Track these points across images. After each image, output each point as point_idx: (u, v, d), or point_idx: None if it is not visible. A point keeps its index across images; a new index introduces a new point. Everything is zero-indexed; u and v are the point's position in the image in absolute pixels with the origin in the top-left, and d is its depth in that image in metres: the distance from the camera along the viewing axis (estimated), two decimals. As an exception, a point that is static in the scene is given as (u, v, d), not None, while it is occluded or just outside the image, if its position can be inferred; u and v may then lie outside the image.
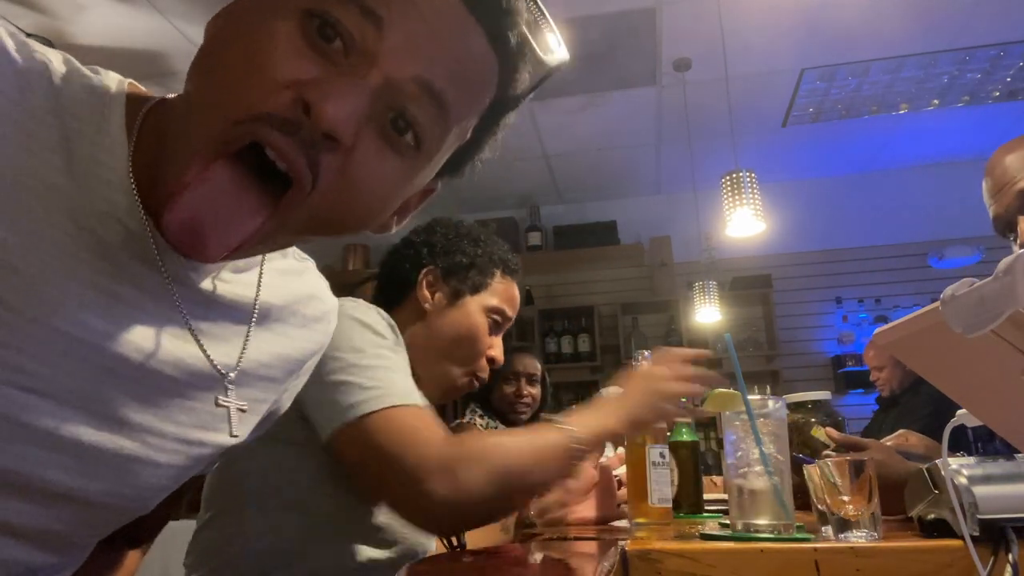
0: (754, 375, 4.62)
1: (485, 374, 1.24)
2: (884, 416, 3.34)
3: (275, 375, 0.69)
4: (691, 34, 3.34)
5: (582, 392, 4.82)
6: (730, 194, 3.13)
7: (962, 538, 0.74)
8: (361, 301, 1.03)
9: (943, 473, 0.80)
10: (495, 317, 1.22)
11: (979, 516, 0.76)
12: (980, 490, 0.77)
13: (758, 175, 3.21)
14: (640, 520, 1.13)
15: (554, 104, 3.90)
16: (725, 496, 1.31)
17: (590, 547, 0.94)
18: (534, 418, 2.47)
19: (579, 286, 5.08)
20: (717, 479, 2.24)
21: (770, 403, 1.01)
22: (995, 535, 0.76)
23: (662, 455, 1.14)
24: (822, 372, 4.70)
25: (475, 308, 1.21)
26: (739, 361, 1.04)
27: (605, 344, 4.76)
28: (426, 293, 1.19)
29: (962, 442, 1.24)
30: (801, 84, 3.81)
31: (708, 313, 3.98)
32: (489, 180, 4.83)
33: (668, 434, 1.48)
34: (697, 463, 1.50)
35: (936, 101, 4.05)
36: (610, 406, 1.04)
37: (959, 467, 0.80)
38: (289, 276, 0.70)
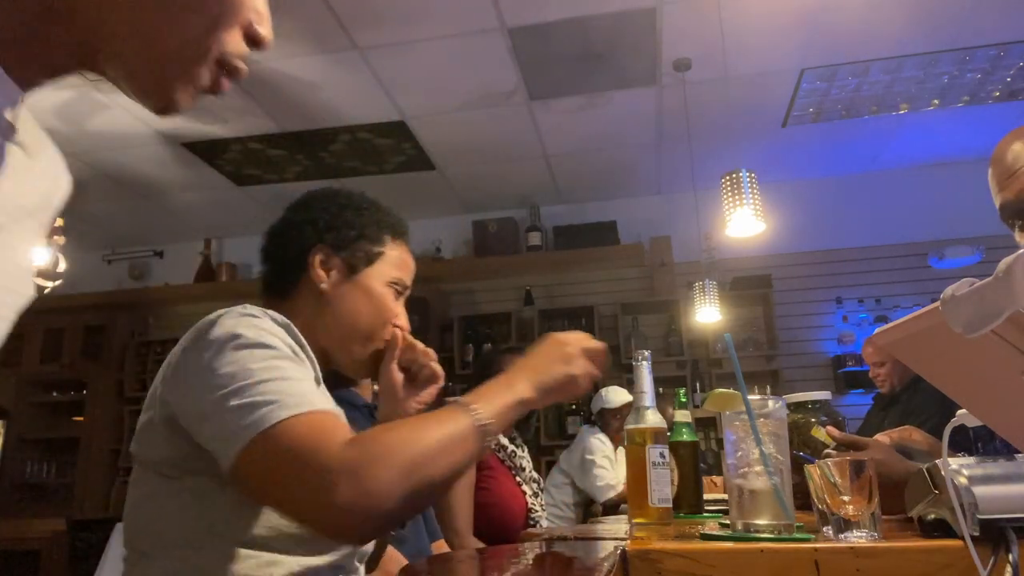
0: (754, 375, 4.62)
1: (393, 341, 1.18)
2: (883, 415, 3.30)
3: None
4: (691, 34, 3.34)
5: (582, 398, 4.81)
6: (730, 194, 3.13)
7: (962, 538, 0.74)
8: (244, 310, 0.96)
9: (943, 473, 0.79)
10: (396, 287, 1.17)
11: (979, 516, 0.76)
12: (980, 490, 0.77)
13: (758, 175, 3.21)
14: (640, 520, 1.11)
15: (554, 104, 3.90)
16: (725, 496, 1.31)
17: (590, 547, 0.94)
18: (527, 419, 2.47)
19: (579, 286, 5.08)
20: (717, 479, 2.24)
21: (770, 403, 1.01)
22: (995, 535, 0.76)
23: (662, 455, 1.13)
24: (822, 372, 4.70)
25: (374, 280, 1.15)
26: (739, 361, 1.03)
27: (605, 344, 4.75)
28: (320, 273, 1.12)
29: (963, 442, 1.24)
30: (801, 84, 3.81)
31: (708, 313, 3.98)
32: (489, 180, 4.83)
33: (668, 434, 1.48)
34: (697, 463, 1.50)
35: (936, 101, 4.05)
36: (516, 374, 0.97)
37: (959, 467, 0.80)
38: None
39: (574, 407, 4.80)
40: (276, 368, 0.87)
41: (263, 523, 0.91)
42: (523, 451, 2.40)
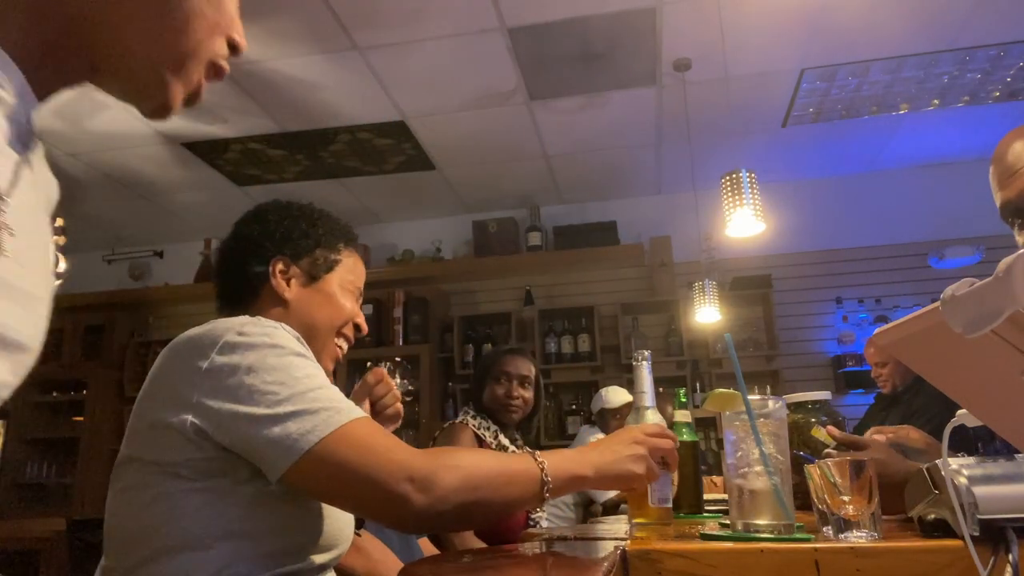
0: (754, 375, 4.62)
1: (344, 349, 1.25)
2: (884, 415, 3.29)
3: None
4: (691, 34, 3.34)
5: (582, 392, 4.82)
6: (730, 194, 3.13)
7: (962, 538, 0.74)
8: (261, 320, 0.99)
9: (943, 473, 0.79)
10: (353, 291, 1.25)
11: (979, 516, 0.76)
12: (980, 490, 0.77)
13: (758, 175, 3.21)
14: (639, 520, 1.12)
15: (554, 104, 3.91)
16: (725, 496, 1.31)
17: (590, 547, 0.94)
18: (529, 420, 2.46)
19: (579, 286, 5.08)
20: (717, 479, 2.24)
21: (770, 403, 1.01)
22: (995, 535, 0.76)
23: (662, 456, 1.13)
24: (822, 372, 4.70)
25: (334, 285, 1.22)
26: (739, 361, 1.03)
27: (605, 344, 4.76)
28: (282, 283, 1.18)
29: (964, 442, 1.24)
30: (801, 84, 3.81)
31: (708, 313, 3.98)
32: (489, 180, 4.83)
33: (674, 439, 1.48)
34: (697, 463, 1.50)
35: (936, 101, 4.05)
36: (587, 453, 1.04)
37: (959, 467, 0.80)
38: None
39: (574, 407, 4.81)
40: (316, 376, 0.93)
41: (274, 522, 0.93)
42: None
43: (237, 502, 0.91)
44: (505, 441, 2.31)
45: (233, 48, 0.66)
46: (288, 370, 0.91)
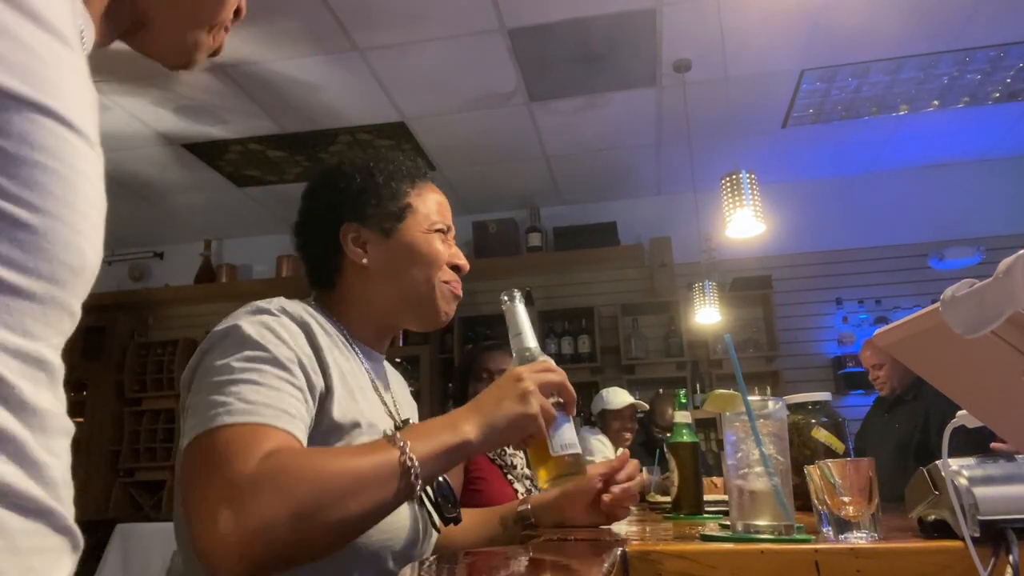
0: (754, 376, 4.62)
1: (456, 284, 1.12)
2: (888, 417, 3.27)
3: None
4: (691, 35, 3.35)
5: (582, 393, 4.82)
6: (730, 195, 3.13)
7: (962, 539, 0.74)
8: (262, 304, 0.94)
9: (943, 474, 0.79)
10: (437, 230, 1.11)
11: (979, 517, 0.76)
12: (980, 491, 0.77)
13: (758, 176, 3.21)
14: (545, 476, 0.96)
15: (554, 105, 3.91)
16: (725, 497, 1.31)
17: (590, 548, 0.94)
18: None
19: (579, 287, 5.08)
20: (717, 480, 2.24)
21: (770, 404, 1.00)
22: (995, 536, 0.76)
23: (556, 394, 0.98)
24: (822, 373, 4.70)
25: (413, 233, 1.09)
26: (739, 362, 1.03)
27: (605, 345, 4.76)
28: (357, 251, 1.07)
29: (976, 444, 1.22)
30: (801, 85, 3.81)
31: (708, 314, 3.98)
32: (489, 181, 4.83)
33: (668, 435, 1.48)
34: (697, 464, 1.50)
35: (936, 102, 4.05)
36: (462, 414, 0.88)
37: (959, 468, 0.80)
38: None
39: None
40: (254, 371, 0.83)
41: None
42: (510, 447, 2.39)
43: None
44: None
45: (237, 13, 0.70)
46: (228, 358, 0.85)
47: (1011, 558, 0.73)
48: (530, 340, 1.03)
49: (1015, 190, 4.70)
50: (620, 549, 0.82)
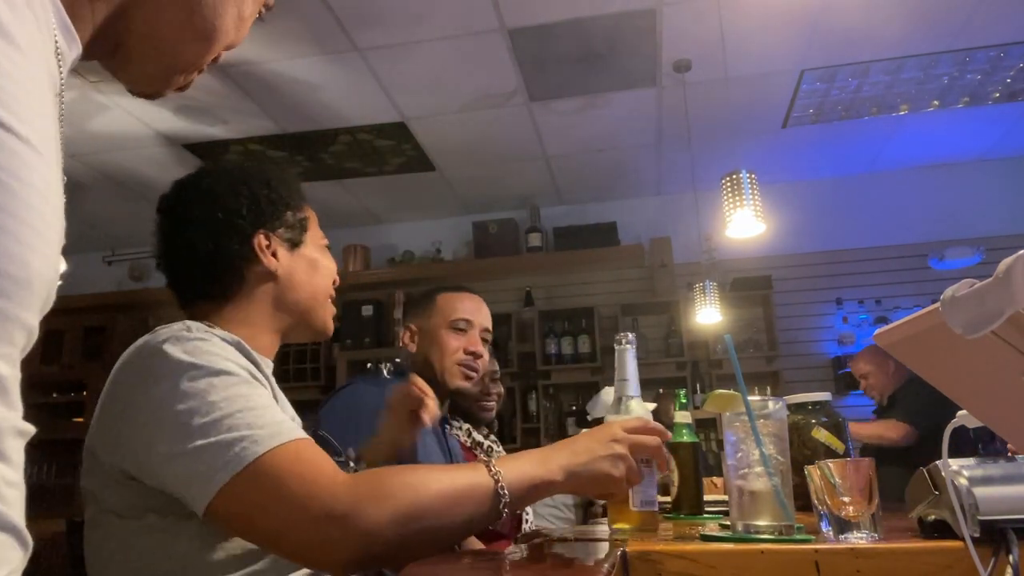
0: (754, 376, 4.61)
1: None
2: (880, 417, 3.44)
3: None
4: (691, 35, 3.35)
5: (582, 393, 4.82)
6: (730, 195, 3.13)
7: (963, 539, 0.74)
8: (188, 333, 0.91)
9: (943, 474, 0.79)
10: (324, 245, 1.18)
11: (979, 517, 0.76)
12: (980, 491, 0.77)
13: (758, 176, 3.21)
14: (620, 526, 1.01)
15: (554, 105, 3.91)
16: (726, 497, 1.31)
17: (591, 548, 0.94)
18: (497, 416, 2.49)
19: (579, 287, 5.08)
20: (718, 480, 2.24)
21: (770, 404, 1.00)
22: (996, 536, 0.76)
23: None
24: (822, 373, 4.70)
25: (312, 247, 1.14)
26: (739, 362, 1.02)
27: (605, 345, 4.76)
28: (270, 258, 1.07)
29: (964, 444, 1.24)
30: (801, 85, 3.81)
31: (708, 314, 3.98)
32: (489, 181, 4.83)
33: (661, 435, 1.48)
34: (698, 464, 1.50)
35: (936, 102, 4.05)
36: (555, 453, 0.92)
37: (959, 468, 0.80)
38: None
39: (574, 408, 4.81)
40: (238, 398, 0.83)
41: (231, 550, 0.87)
42: (497, 445, 2.40)
43: (188, 536, 0.85)
44: (479, 437, 2.31)
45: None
46: (202, 396, 0.82)
47: (1011, 558, 0.73)
48: (632, 389, 1.09)
49: (1015, 190, 4.70)
50: (620, 549, 0.82)
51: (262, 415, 0.82)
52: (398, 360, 1.83)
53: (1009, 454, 0.85)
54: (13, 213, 0.42)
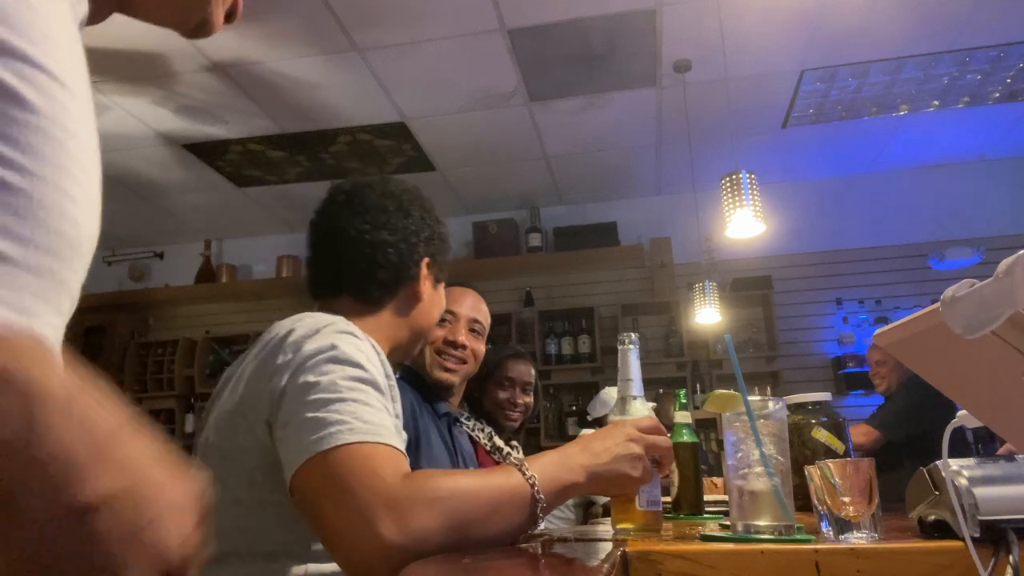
0: (754, 376, 4.61)
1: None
2: (882, 409, 3.56)
3: None
4: (691, 35, 3.35)
5: (582, 393, 4.82)
6: (730, 195, 3.13)
7: (963, 539, 0.74)
8: (346, 327, 0.95)
9: (943, 474, 0.79)
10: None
11: (980, 517, 0.76)
12: (980, 491, 0.77)
13: (758, 176, 3.21)
14: (625, 526, 1.02)
15: (554, 105, 3.91)
16: (725, 497, 1.31)
17: (591, 548, 0.94)
18: (521, 426, 2.44)
19: (579, 287, 5.08)
20: (717, 480, 2.24)
21: (770, 404, 1.00)
22: (996, 536, 0.76)
23: None
24: (822, 373, 4.70)
25: (442, 289, 1.21)
26: (739, 362, 1.02)
27: (605, 345, 4.76)
28: (425, 285, 1.14)
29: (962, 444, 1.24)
30: (801, 85, 3.81)
31: (708, 314, 3.98)
32: (489, 181, 4.83)
33: (668, 435, 1.48)
34: (698, 464, 1.50)
35: (936, 102, 4.05)
36: (576, 455, 0.93)
37: (959, 468, 0.80)
38: None
39: (574, 408, 4.81)
40: (361, 391, 0.87)
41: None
42: (519, 452, 2.39)
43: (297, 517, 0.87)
44: (499, 442, 2.30)
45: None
46: (332, 375, 0.87)
47: (1011, 558, 0.73)
48: (636, 389, 1.09)
49: (1015, 190, 4.70)
50: (620, 549, 0.82)
51: (371, 414, 0.85)
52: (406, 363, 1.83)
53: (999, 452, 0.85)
54: (62, 167, 0.38)
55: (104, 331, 5.26)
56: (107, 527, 0.34)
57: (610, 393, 3.80)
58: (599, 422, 3.77)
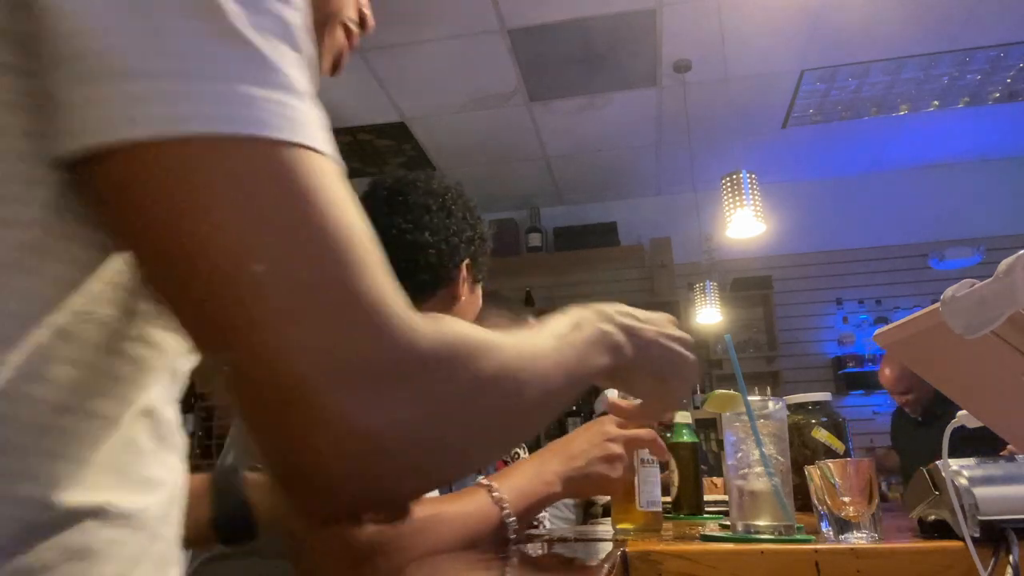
0: (754, 376, 4.61)
1: None
2: (926, 429, 3.18)
3: None
4: (691, 35, 3.35)
5: (582, 393, 4.81)
6: (730, 195, 3.13)
7: (963, 539, 0.74)
8: None
9: (943, 474, 0.79)
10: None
11: (980, 517, 0.76)
12: (981, 491, 0.77)
13: (758, 176, 3.21)
14: (625, 526, 1.02)
15: (554, 105, 3.91)
16: (725, 497, 1.31)
17: (591, 548, 0.94)
18: None
19: (579, 287, 5.08)
20: (717, 480, 2.24)
21: (770, 404, 1.00)
22: (996, 536, 0.76)
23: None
24: (822, 373, 4.70)
25: (480, 292, 1.16)
26: (739, 362, 1.02)
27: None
28: (463, 287, 1.09)
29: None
30: (801, 85, 3.81)
31: (708, 314, 3.98)
32: (489, 181, 4.83)
33: (668, 435, 1.48)
34: (698, 464, 1.50)
35: (936, 102, 4.05)
36: (550, 462, 0.90)
37: (959, 468, 0.80)
38: None
39: (574, 408, 4.80)
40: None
41: None
42: (524, 452, 2.39)
43: None
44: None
45: (361, 21, 0.60)
46: None
47: (1011, 558, 0.73)
48: None
49: (1015, 190, 4.70)
50: (620, 549, 0.82)
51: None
52: None
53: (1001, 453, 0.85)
54: None
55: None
56: (675, 346, 0.71)
57: (613, 393, 3.80)
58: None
